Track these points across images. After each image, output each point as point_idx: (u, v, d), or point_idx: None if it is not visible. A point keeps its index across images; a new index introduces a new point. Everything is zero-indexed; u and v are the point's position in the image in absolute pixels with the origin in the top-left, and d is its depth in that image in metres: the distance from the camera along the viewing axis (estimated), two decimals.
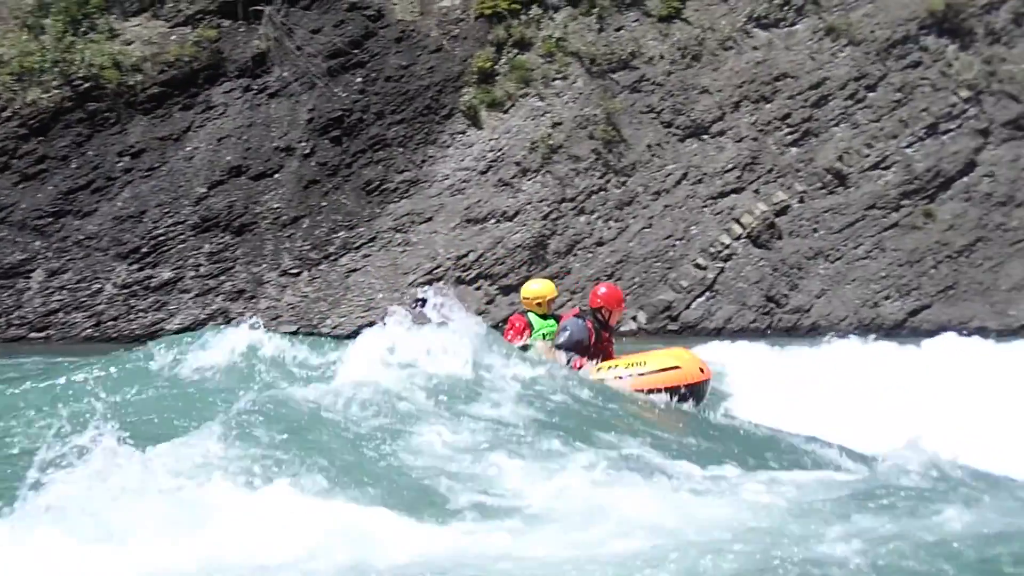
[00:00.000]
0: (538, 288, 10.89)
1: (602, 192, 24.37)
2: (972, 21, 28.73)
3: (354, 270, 22.03)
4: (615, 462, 7.68)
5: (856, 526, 5.75)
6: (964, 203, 27.57)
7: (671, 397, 9.83)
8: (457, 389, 9.12)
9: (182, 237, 21.00)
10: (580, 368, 10.09)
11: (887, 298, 25.99)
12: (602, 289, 10.55)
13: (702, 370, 10.13)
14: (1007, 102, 28.66)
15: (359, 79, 23.10)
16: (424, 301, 9.94)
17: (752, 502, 6.40)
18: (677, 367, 9.99)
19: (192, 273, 20.85)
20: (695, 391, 10.03)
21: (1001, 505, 6.35)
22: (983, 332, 26.02)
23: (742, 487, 6.97)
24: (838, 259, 26.01)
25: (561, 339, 10.28)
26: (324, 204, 22.16)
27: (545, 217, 23.62)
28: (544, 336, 10.72)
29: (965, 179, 27.77)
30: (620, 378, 9.91)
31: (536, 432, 8.04)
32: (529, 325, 10.75)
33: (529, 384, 9.37)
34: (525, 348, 10.72)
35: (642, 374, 9.94)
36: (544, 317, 10.83)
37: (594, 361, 10.20)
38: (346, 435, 7.92)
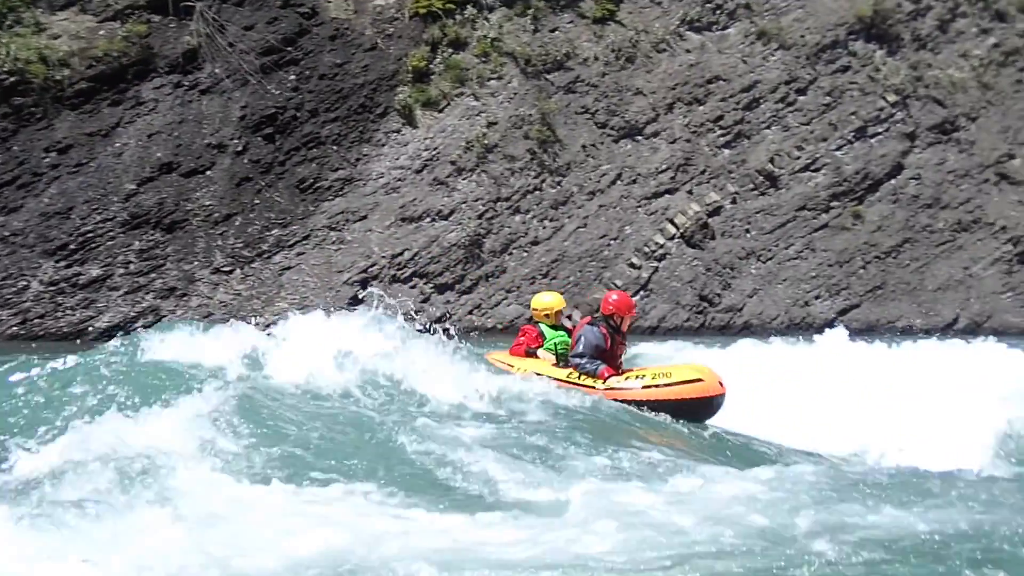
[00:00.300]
0: (549, 300, 11.57)
1: (537, 192, 24.60)
2: (899, 27, 29.55)
3: (288, 268, 21.97)
4: (610, 465, 8.01)
5: (827, 521, 6.03)
6: (891, 205, 28.30)
7: (692, 408, 10.59)
8: (447, 402, 9.44)
9: (111, 234, 20.76)
10: (608, 378, 10.53)
11: (817, 297, 26.58)
12: (613, 296, 11.21)
13: (721, 384, 10.75)
14: (932, 107, 29.51)
15: (292, 77, 23.06)
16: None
17: (731, 499, 6.70)
18: (700, 379, 10.61)
19: (122, 270, 20.62)
20: (714, 404, 10.70)
21: (952, 501, 6.68)
22: (910, 331, 26.77)
23: (720, 486, 7.26)
24: (770, 259, 26.53)
25: (580, 347, 10.81)
26: (257, 202, 22.08)
27: (480, 216, 23.78)
28: (556, 345, 11.22)
29: (892, 181, 28.52)
30: (647, 387, 10.58)
31: (534, 439, 8.46)
32: (541, 335, 11.37)
33: (520, 397, 9.81)
34: (533, 353, 11.21)
35: (668, 384, 10.55)
36: (554, 328, 11.35)
37: (622, 376, 10.94)
38: (355, 433, 8.11)
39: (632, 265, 24.89)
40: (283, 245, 22.12)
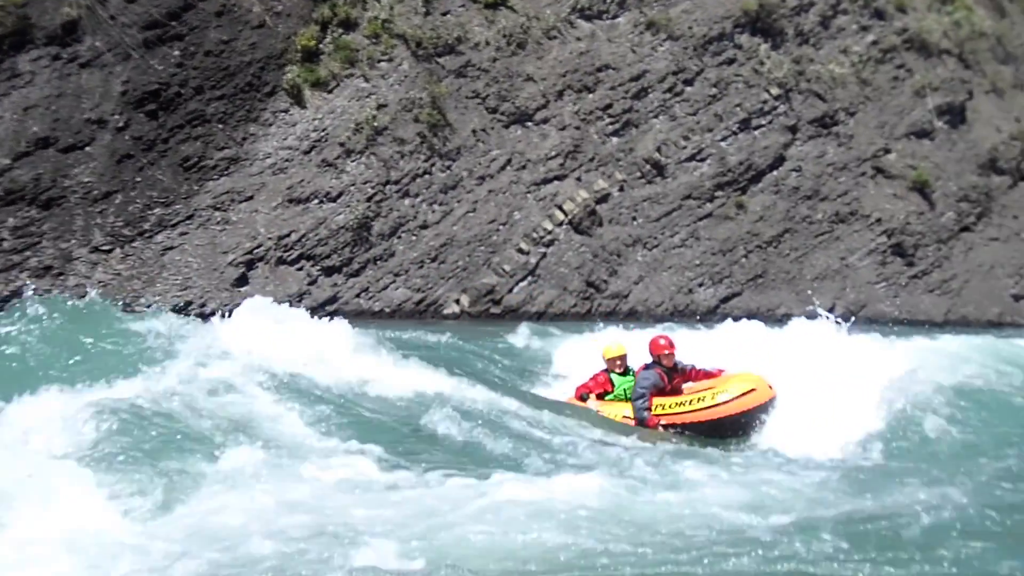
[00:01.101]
0: (615, 349, 12.77)
1: (427, 175, 24.81)
2: (783, 22, 30.60)
3: (170, 248, 21.74)
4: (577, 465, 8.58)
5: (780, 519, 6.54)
6: (773, 196, 29.34)
7: (749, 419, 11.50)
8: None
9: None
10: (656, 424, 11.71)
11: (701, 285, 27.43)
12: (661, 340, 12.34)
13: (771, 387, 11.65)
14: (814, 100, 30.65)
15: (177, 52, 22.76)
16: None
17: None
18: (753, 390, 11.52)
19: None
20: (768, 408, 11.60)
21: (840, 483, 7.26)
22: (789, 319, 27.80)
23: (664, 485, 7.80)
24: (655, 247, 27.27)
25: (637, 389, 11.97)
26: (139, 179, 21.77)
27: (369, 199, 23.88)
28: (625, 391, 12.14)
29: (774, 173, 29.57)
30: (707, 407, 11.51)
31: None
32: (610, 382, 12.57)
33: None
34: (584, 399, 12.48)
35: (728, 400, 11.52)
36: (623, 375, 12.67)
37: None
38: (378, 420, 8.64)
39: (520, 250, 25.31)
40: (165, 225, 21.87)
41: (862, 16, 32.41)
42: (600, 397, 12.53)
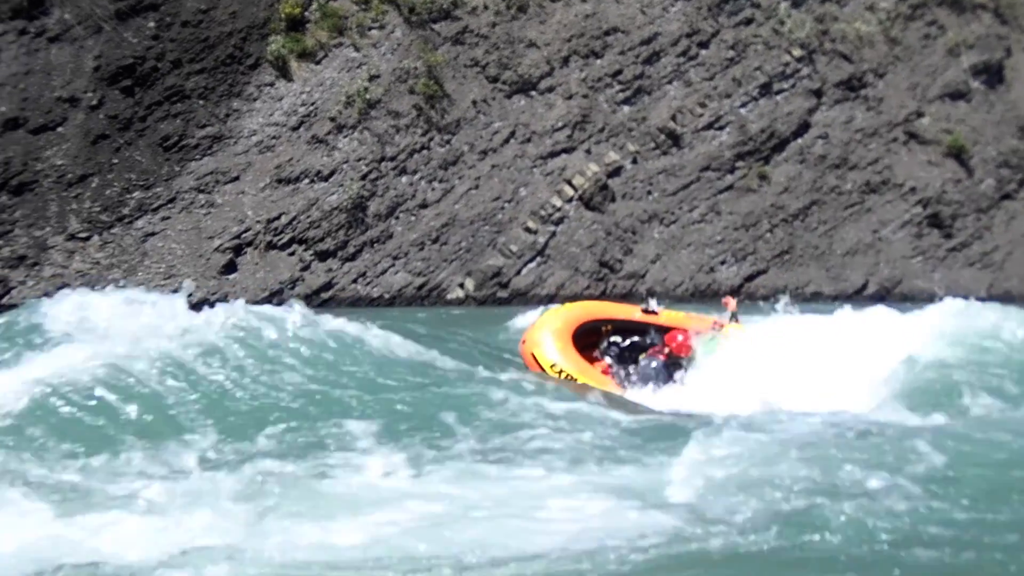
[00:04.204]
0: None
1: (425, 151, 25.21)
2: None
3: (152, 234, 22.14)
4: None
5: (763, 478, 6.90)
6: (798, 165, 29.75)
7: None
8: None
9: None
10: None
11: (723, 263, 27.86)
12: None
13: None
14: (839, 62, 31.06)
15: (152, 24, 23.15)
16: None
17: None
18: None
19: None
20: None
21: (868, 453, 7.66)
22: (818, 297, 28.25)
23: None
24: (673, 223, 27.68)
25: None
26: (115, 161, 22.17)
27: (364, 177, 24.28)
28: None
29: (799, 141, 29.98)
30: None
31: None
32: None
33: None
34: None
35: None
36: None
37: None
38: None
39: (528, 229, 25.72)
40: (146, 209, 22.27)
41: None
42: None
